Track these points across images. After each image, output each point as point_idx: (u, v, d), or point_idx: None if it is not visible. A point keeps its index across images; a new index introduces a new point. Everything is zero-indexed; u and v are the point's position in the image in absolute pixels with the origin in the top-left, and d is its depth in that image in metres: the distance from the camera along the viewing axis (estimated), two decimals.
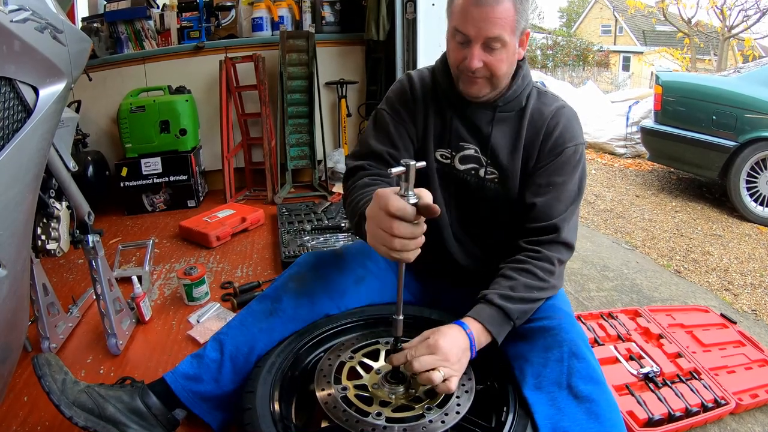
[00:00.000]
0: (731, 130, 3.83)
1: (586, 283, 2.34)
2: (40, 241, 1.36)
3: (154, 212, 3.18)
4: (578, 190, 1.23)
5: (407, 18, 3.10)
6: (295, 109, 3.39)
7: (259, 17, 3.50)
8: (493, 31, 1.08)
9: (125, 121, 3.07)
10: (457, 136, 1.25)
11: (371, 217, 0.91)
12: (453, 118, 1.25)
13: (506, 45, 1.10)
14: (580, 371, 1.02)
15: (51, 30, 1.04)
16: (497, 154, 1.23)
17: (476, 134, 1.25)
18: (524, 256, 1.17)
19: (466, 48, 1.12)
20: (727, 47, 13.99)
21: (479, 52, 1.11)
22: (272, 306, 1.23)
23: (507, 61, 1.14)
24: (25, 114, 0.98)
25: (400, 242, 0.86)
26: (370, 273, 1.32)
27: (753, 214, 3.72)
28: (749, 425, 1.45)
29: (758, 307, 2.32)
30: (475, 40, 1.10)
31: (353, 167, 1.27)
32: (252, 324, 1.22)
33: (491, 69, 1.13)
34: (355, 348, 1.17)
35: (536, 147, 1.22)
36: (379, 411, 0.97)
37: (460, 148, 1.26)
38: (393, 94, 1.32)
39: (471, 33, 1.09)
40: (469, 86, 1.17)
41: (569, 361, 1.03)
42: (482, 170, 1.25)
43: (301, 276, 1.27)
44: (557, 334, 1.08)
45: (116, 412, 1.10)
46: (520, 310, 1.11)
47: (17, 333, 1.07)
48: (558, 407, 0.98)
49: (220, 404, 1.19)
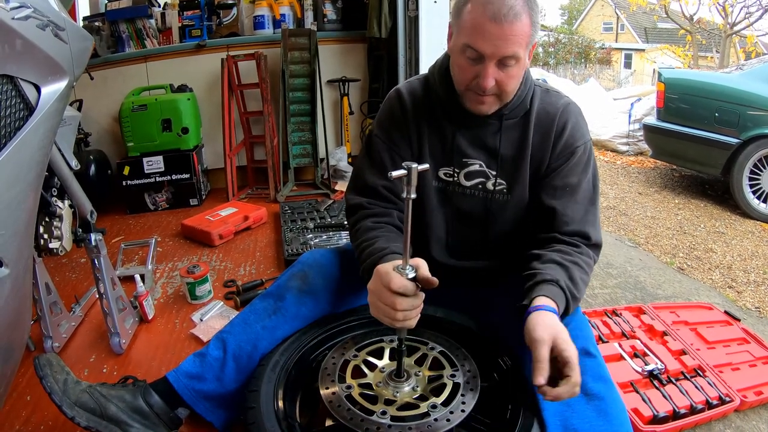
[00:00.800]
0: (734, 127, 3.81)
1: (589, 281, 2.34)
2: (43, 240, 1.36)
3: (157, 211, 3.18)
4: (594, 188, 1.21)
5: (409, 15, 3.09)
6: (298, 107, 3.38)
7: (261, 15, 3.49)
8: (509, 50, 1.01)
9: (127, 120, 3.07)
10: (460, 152, 1.21)
11: (373, 291, 0.95)
12: (455, 134, 1.20)
13: (520, 61, 1.05)
14: (590, 369, 1.01)
15: (53, 27, 1.04)
16: (504, 164, 1.20)
17: (481, 148, 1.20)
18: (567, 248, 1.13)
19: (478, 65, 1.05)
20: (729, 44, 13.96)
21: (493, 70, 1.04)
22: (275, 304, 1.23)
23: (518, 77, 1.09)
24: (27, 112, 0.97)
25: (403, 314, 0.91)
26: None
27: (756, 211, 3.71)
28: (754, 422, 1.44)
29: (762, 305, 2.31)
30: (490, 58, 1.03)
31: (353, 205, 1.26)
32: (255, 322, 1.21)
33: (502, 86, 1.08)
34: (360, 346, 1.16)
35: (548, 149, 1.18)
36: (384, 410, 0.97)
37: (464, 164, 1.21)
38: (383, 115, 1.28)
39: (487, 51, 1.02)
40: (477, 105, 1.13)
41: (580, 358, 1.00)
42: (490, 183, 1.21)
43: (304, 274, 1.26)
44: (569, 330, 1.06)
45: (118, 412, 1.10)
46: (578, 294, 1.07)
47: (20, 332, 1.07)
48: (567, 403, 0.96)
49: (223, 403, 1.19)
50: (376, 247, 1.09)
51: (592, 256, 1.17)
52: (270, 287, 1.30)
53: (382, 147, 1.24)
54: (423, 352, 1.15)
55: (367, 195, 1.25)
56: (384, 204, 1.23)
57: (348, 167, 3.54)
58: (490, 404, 1.08)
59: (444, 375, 1.07)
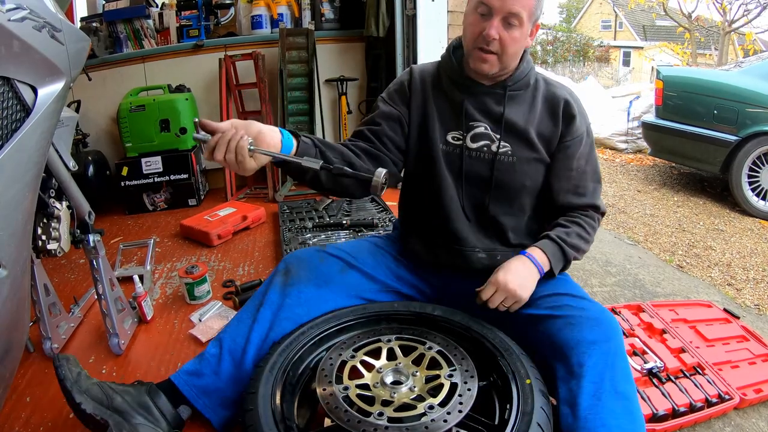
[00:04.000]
0: (732, 124, 3.81)
1: (588, 279, 2.34)
2: (41, 241, 1.35)
3: (155, 211, 3.18)
4: (596, 161, 1.39)
5: (407, 14, 3.10)
6: (296, 106, 3.38)
7: (259, 15, 3.49)
8: (515, 7, 1.16)
9: (125, 121, 3.06)
10: (468, 116, 1.32)
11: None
12: (463, 101, 1.32)
13: (522, 25, 1.19)
14: (621, 370, 1.07)
15: (49, 29, 1.03)
16: (508, 128, 1.30)
17: (487, 113, 1.32)
18: (573, 213, 1.35)
19: (486, 21, 1.19)
20: (727, 41, 13.96)
21: (498, 24, 1.18)
22: (261, 299, 1.29)
23: (519, 42, 1.22)
24: (24, 113, 0.97)
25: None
26: (353, 266, 1.37)
27: (755, 209, 3.71)
28: (753, 420, 1.44)
29: (761, 302, 2.32)
30: (497, 12, 1.17)
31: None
32: (246, 318, 1.27)
33: (503, 45, 1.20)
34: (357, 346, 1.17)
35: (557, 128, 1.31)
36: (381, 411, 0.97)
37: (471, 127, 1.32)
38: (392, 84, 1.43)
39: (495, 4, 1.17)
40: (479, 63, 1.24)
41: (614, 358, 1.08)
42: (494, 145, 1.31)
43: (286, 270, 1.34)
44: (606, 327, 1.12)
45: (123, 403, 1.15)
46: (572, 252, 1.29)
47: (19, 333, 1.06)
48: (599, 398, 1.03)
49: (223, 401, 1.21)
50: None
51: (597, 219, 1.39)
52: (258, 289, 1.35)
53: (381, 103, 1.39)
54: (420, 352, 1.15)
55: (353, 136, 1.38)
56: (359, 141, 1.33)
57: None
58: (487, 404, 1.08)
59: (441, 375, 1.07)
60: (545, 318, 1.18)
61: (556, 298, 1.21)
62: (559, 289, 1.24)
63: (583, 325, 1.11)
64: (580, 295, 1.23)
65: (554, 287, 1.25)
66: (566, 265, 1.31)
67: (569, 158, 1.33)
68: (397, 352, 1.17)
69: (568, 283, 1.32)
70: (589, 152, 1.36)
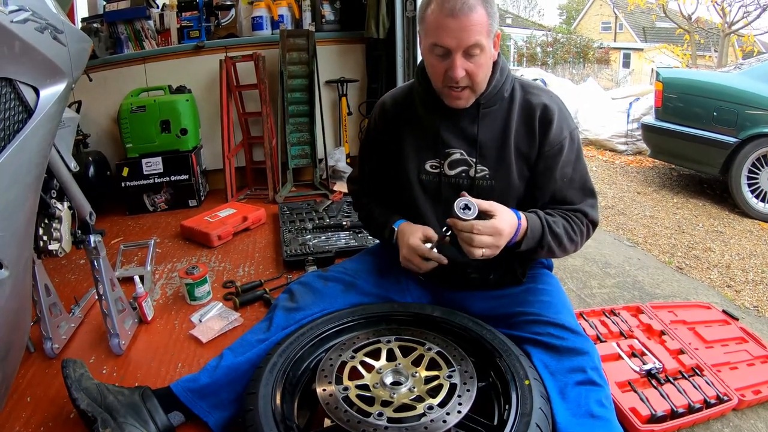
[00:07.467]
0: (732, 126, 3.81)
1: (587, 280, 2.34)
2: (42, 242, 1.36)
3: (156, 212, 3.18)
4: (585, 169, 1.31)
5: (407, 16, 3.10)
6: (296, 107, 3.38)
7: (259, 16, 3.49)
8: (471, 39, 1.11)
9: (126, 121, 3.07)
10: (443, 143, 1.29)
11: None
12: (438, 127, 1.28)
13: (484, 50, 1.14)
14: (595, 396, 1.07)
15: (51, 30, 1.04)
16: (485, 151, 1.26)
17: (462, 137, 1.28)
18: (563, 210, 1.27)
19: (447, 60, 1.15)
20: (727, 43, 13.97)
21: (461, 61, 1.14)
22: (268, 323, 1.32)
23: (486, 66, 1.17)
24: (26, 114, 0.98)
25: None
26: (355, 286, 1.39)
27: (754, 211, 3.72)
28: (752, 421, 1.45)
29: (760, 304, 2.32)
30: (456, 50, 1.12)
31: (354, 191, 1.58)
32: (250, 337, 1.29)
33: (472, 77, 1.16)
34: (357, 347, 1.17)
35: (534, 141, 1.24)
36: (381, 411, 0.98)
37: (447, 155, 1.29)
38: (369, 124, 1.47)
39: (452, 45, 1.12)
40: (454, 101, 1.22)
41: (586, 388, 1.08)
42: (471, 170, 1.28)
43: (291, 294, 1.38)
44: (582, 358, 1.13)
45: (114, 402, 1.18)
46: (550, 240, 1.21)
47: (20, 334, 1.07)
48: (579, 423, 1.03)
49: (218, 403, 1.22)
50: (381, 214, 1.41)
51: (586, 224, 1.28)
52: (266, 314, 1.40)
53: (365, 144, 1.48)
54: (420, 353, 1.16)
55: (356, 183, 1.53)
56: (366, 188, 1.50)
57: (346, 168, 3.54)
58: (486, 405, 1.08)
59: (441, 376, 1.08)
60: (527, 341, 1.20)
61: (541, 326, 1.21)
62: (543, 316, 1.24)
63: (562, 355, 1.14)
64: (563, 324, 1.21)
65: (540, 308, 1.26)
66: (537, 249, 1.23)
67: (551, 169, 1.26)
68: (396, 353, 1.17)
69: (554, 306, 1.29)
70: (576, 160, 1.28)
